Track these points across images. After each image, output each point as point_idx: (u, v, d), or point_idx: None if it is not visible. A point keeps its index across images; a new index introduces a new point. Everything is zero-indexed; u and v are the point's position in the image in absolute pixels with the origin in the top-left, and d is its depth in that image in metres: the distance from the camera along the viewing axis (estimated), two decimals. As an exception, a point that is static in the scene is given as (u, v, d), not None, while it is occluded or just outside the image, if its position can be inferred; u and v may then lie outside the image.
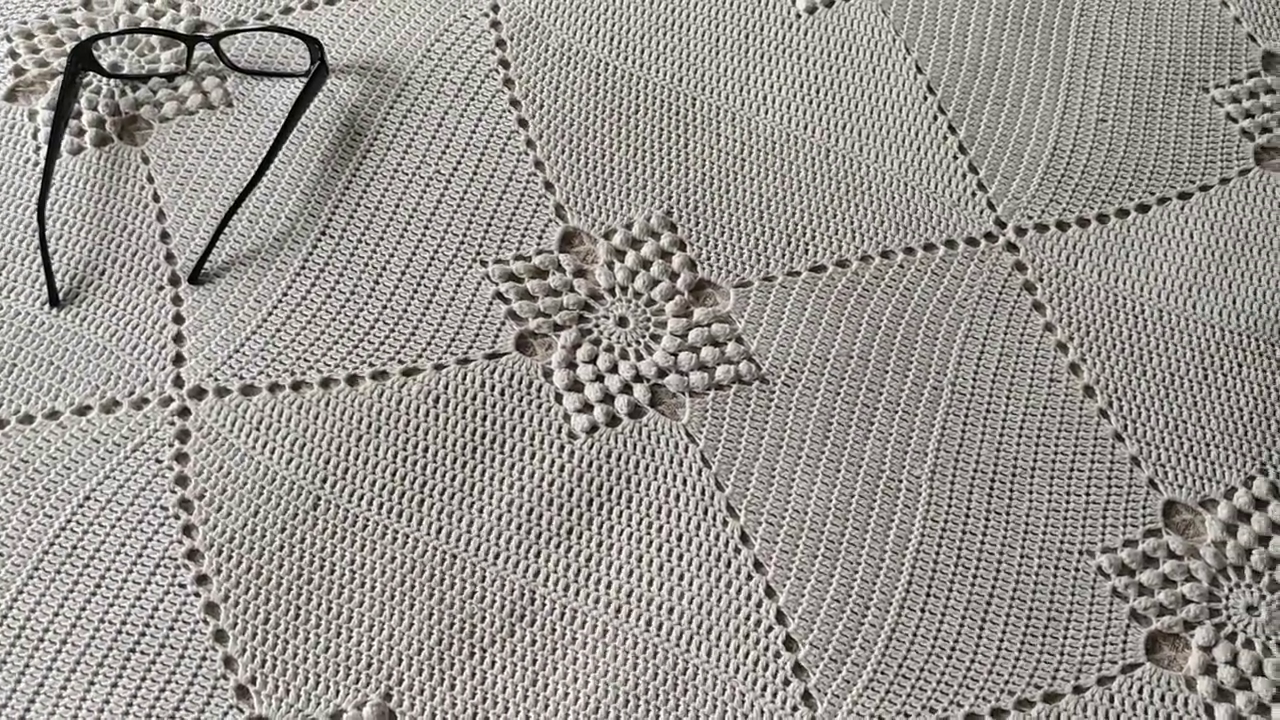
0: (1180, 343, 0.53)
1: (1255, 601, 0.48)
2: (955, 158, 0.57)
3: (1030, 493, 0.49)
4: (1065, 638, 0.47)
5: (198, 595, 0.45)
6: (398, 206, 0.54)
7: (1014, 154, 0.57)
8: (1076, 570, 0.48)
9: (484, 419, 0.49)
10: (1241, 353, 0.53)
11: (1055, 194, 0.56)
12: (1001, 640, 0.47)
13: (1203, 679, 0.46)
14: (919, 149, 0.57)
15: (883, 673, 0.46)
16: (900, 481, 0.49)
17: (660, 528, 0.48)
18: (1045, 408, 0.51)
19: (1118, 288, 0.54)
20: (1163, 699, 0.46)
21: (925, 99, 0.59)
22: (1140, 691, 0.46)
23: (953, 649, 0.46)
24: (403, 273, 0.52)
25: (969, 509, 0.49)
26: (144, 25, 0.58)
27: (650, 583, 0.47)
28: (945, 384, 0.51)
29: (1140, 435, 0.51)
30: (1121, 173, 0.57)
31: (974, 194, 0.56)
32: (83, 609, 0.45)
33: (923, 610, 0.47)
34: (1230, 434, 0.51)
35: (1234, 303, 0.54)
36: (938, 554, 0.48)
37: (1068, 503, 0.49)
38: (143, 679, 0.44)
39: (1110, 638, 0.47)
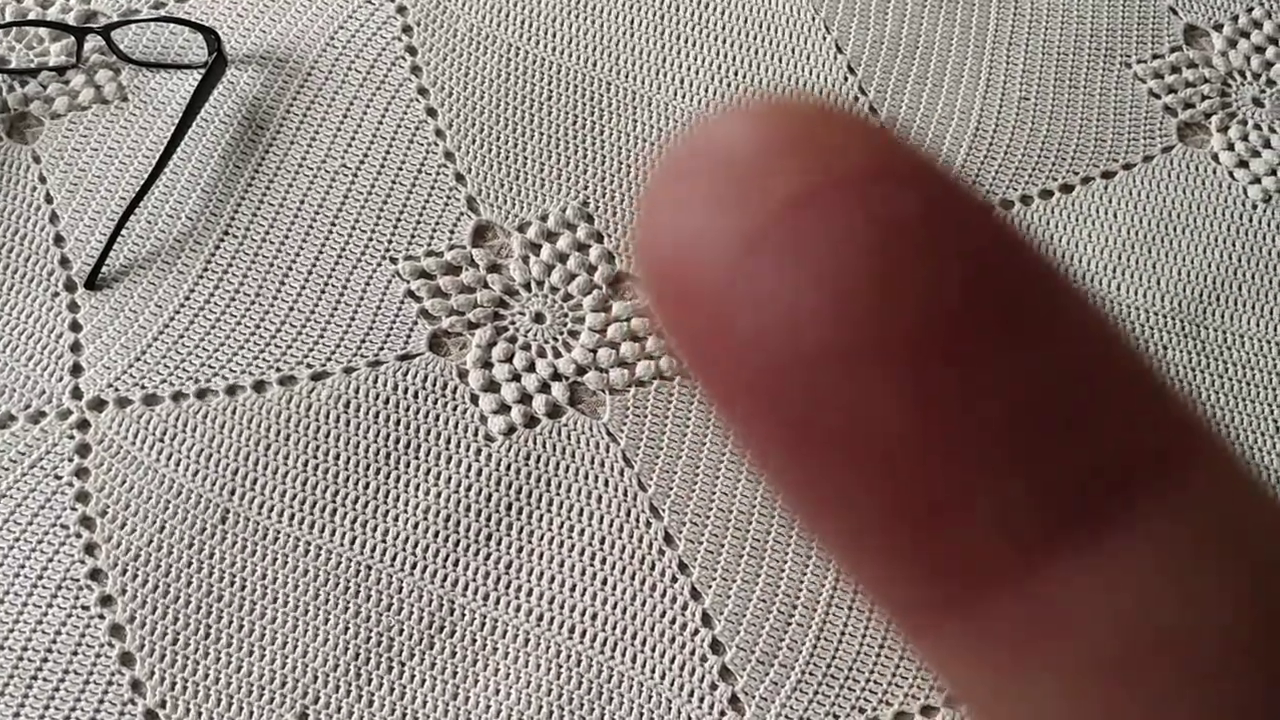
0: (1105, 326, 0.53)
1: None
2: (877, 140, 0.56)
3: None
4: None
5: (102, 617, 0.44)
6: (303, 203, 0.52)
7: (936, 135, 0.56)
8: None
9: (397, 423, 0.48)
10: (1167, 334, 0.53)
11: (978, 176, 0.56)
12: (930, 636, 0.46)
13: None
14: (840, 131, 0.56)
15: (811, 673, 0.45)
16: (825, 477, 0.48)
17: (582, 531, 0.47)
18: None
19: (1042, 271, 0.54)
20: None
21: (846, 79, 0.57)
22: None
23: (881, 647, 0.46)
24: (309, 272, 0.51)
25: (895, 503, 0.48)
26: (31, 16, 0.55)
27: (573, 589, 0.46)
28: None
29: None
30: (1045, 152, 0.57)
31: (896, 177, 0.55)
32: (-21, 638, 0.43)
33: (850, 608, 0.46)
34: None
35: (1158, 283, 0.54)
36: (864, 550, 0.47)
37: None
38: (46, 706, 0.42)
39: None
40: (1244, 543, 0.10)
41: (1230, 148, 0.57)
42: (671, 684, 0.45)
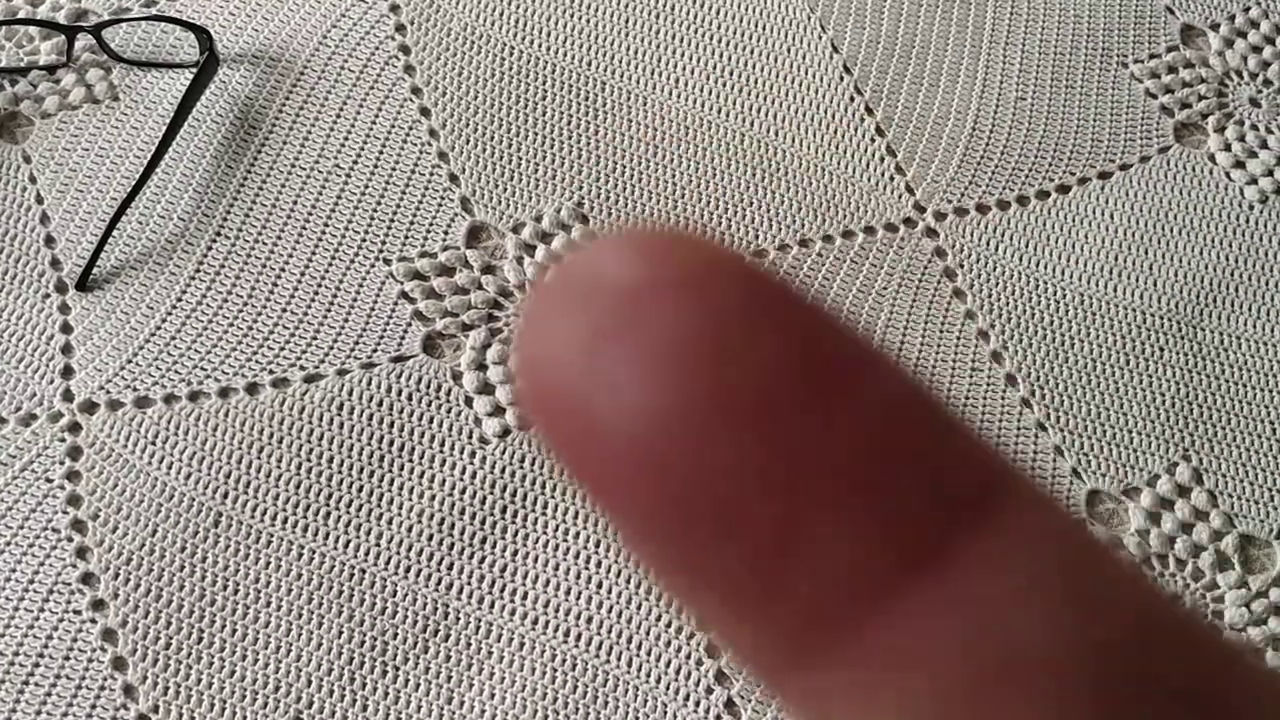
0: (1102, 328, 0.53)
1: (1180, 590, 0.48)
2: (873, 140, 0.56)
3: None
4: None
5: (94, 621, 0.43)
6: (295, 203, 0.52)
7: (933, 135, 0.56)
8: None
9: (391, 426, 0.48)
10: (1164, 336, 0.53)
11: (975, 176, 0.55)
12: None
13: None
14: (836, 131, 0.56)
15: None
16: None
17: (578, 534, 0.47)
18: (967, 398, 0.50)
19: (1039, 272, 0.54)
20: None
21: (842, 79, 0.57)
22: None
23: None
24: (302, 274, 0.50)
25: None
26: (20, 15, 0.55)
27: (568, 592, 0.46)
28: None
29: (1063, 424, 0.50)
30: (1041, 153, 0.56)
31: (893, 177, 0.55)
32: (-31, 643, 0.43)
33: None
34: (1153, 420, 0.51)
35: (1155, 284, 0.54)
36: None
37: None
38: (38, 712, 0.42)
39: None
40: (1068, 571, 0.11)
41: (1227, 148, 0.57)
42: (667, 688, 0.44)
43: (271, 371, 0.48)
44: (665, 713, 0.44)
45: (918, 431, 0.11)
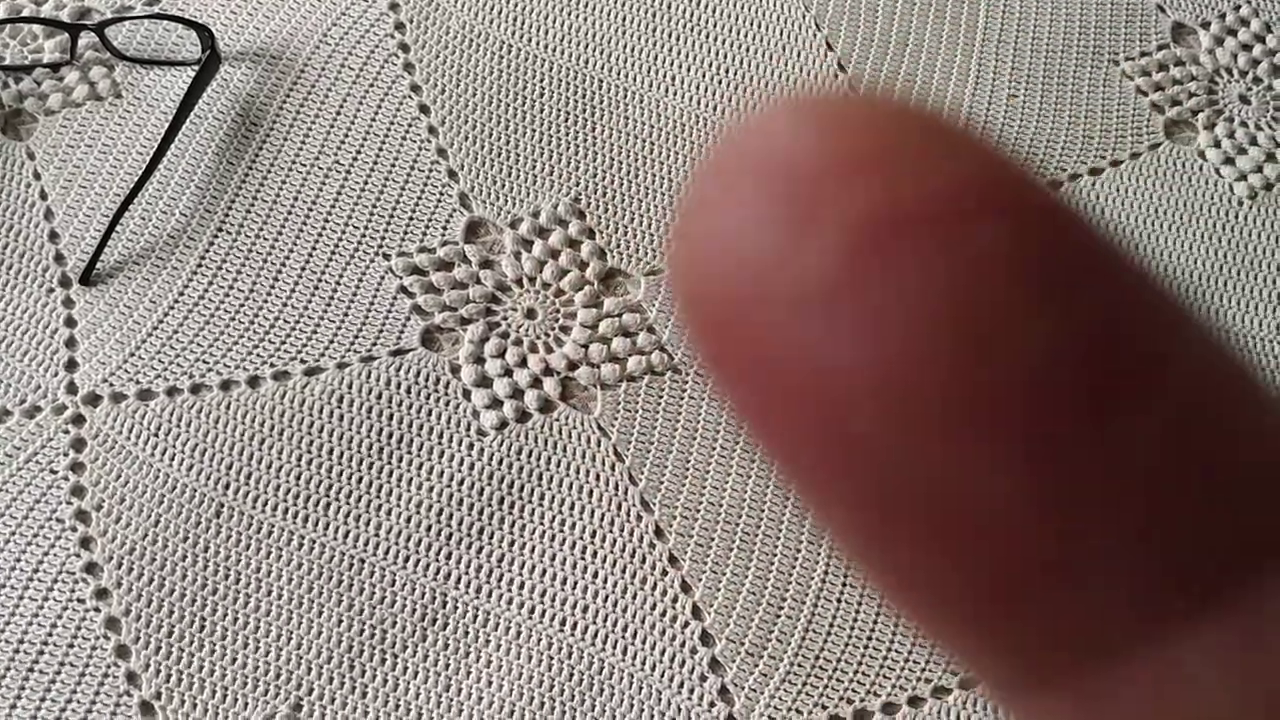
0: (1092, 322, 0.53)
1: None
2: (866, 137, 0.56)
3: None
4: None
5: (98, 610, 0.44)
6: (296, 199, 0.52)
7: (925, 132, 0.57)
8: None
9: (390, 418, 0.48)
10: (1153, 330, 0.53)
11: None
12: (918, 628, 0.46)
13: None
14: (830, 128, 0.56)
15: (800, 665, 0.45)
16: (814, 471, 0.49)
17: (574, 525, 0.47)
18: (959, 391, 0.51)
19: (1030, 267, 0.54)
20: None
21: (836, 76, 0.58)
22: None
23: (869, 639, 0.46)
24: (303, 268, 0.51)
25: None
26: (25, 13, 0.56)
27: (564, 582, 0.46)
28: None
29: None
30: (1033, 149, 0.57)
31: (886, 173, 0.55)
32: (-25, 631, 0.43)
33: (839, 601, 0.47)
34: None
35: (1145, 279, 0.54)
36: (853, 544, 0.48)
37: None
38: (42, 699, 0.43)
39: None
40: None
41: (1217, 145, 0.57)
42: (661, 675, 0.45)
43: (272, 365, 0.49)
44: (660, 700, 0.45)
45: (1247, 439, 0.09)
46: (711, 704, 0.45)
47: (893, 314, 0.08)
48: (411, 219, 0.52)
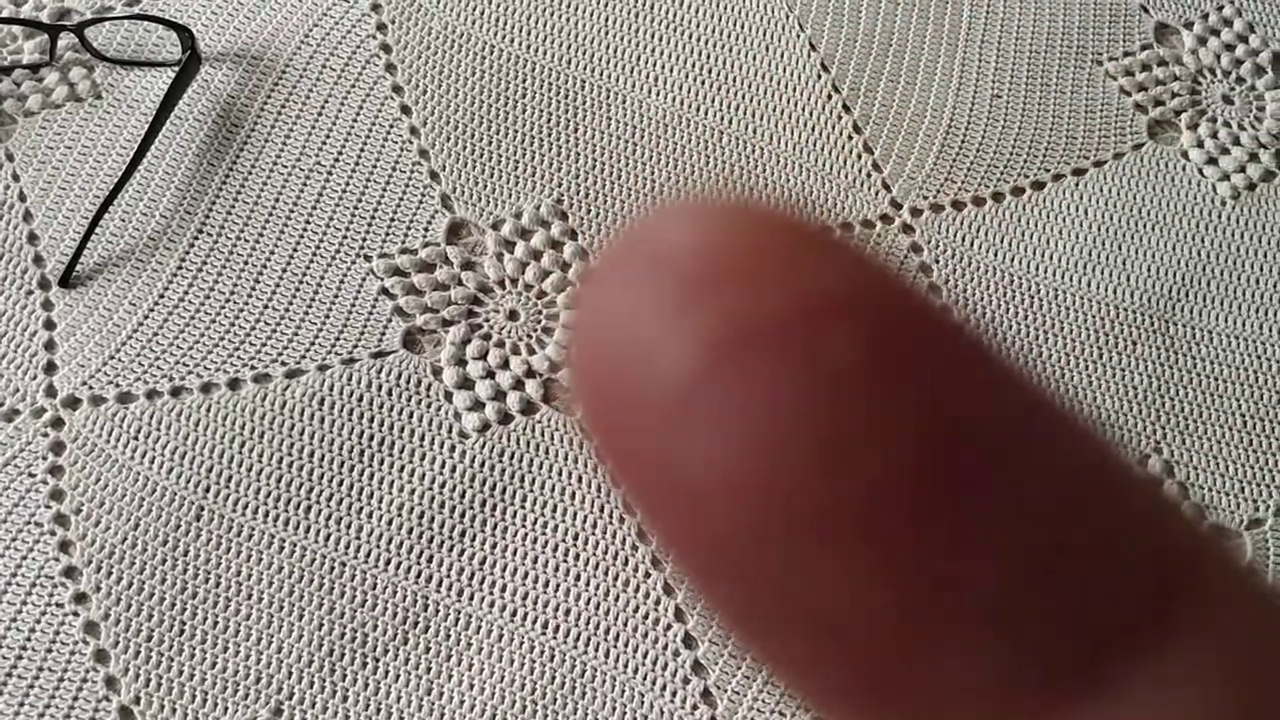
0: (1076, 322, 0.53)
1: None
2: (850, 138, 0.56)
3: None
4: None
5: (76, 614, 0.44)
6: (277, 201, 0.52)
7: (909, 133, 0.57)
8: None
9: (371, 420, 0.48)
10: (1136, 330, 0.53)
11: (950, 173, 0.56)
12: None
13: None
14: (813, 129, 0.56)
15: (783, 667, 0.45)
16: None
17: (556, 527, 0.47)
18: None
19: (1013, 267, 0.54)
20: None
21: (819, 77, 0.58)
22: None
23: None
24: (284, 270, 0.51)
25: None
26: (3, 14, 0.55)
27: (547, 584, 0.46)
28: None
29: (1036, 417, 0.51)
30: (1016, 150, 0.57)
31: (869, 174, 0.55)
32: (-48, 636, 0.43)
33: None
34: (1125, 413, 0.51)
35: (1128, 279, 0.54)
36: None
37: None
38: (21, 704, 0.42)
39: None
40: (1250, 686, 0.09)
41: (1200, 145, 0.57)
42: (645, 678, 0.45)
43: (253, 367, 0.49)
44: (643, 703, 0.45)
45: (1089, 527, 0.09)
46: (695, 707, 0.44)
47: (744, 422, 0.08)
48: (393, 220, 0.52)
